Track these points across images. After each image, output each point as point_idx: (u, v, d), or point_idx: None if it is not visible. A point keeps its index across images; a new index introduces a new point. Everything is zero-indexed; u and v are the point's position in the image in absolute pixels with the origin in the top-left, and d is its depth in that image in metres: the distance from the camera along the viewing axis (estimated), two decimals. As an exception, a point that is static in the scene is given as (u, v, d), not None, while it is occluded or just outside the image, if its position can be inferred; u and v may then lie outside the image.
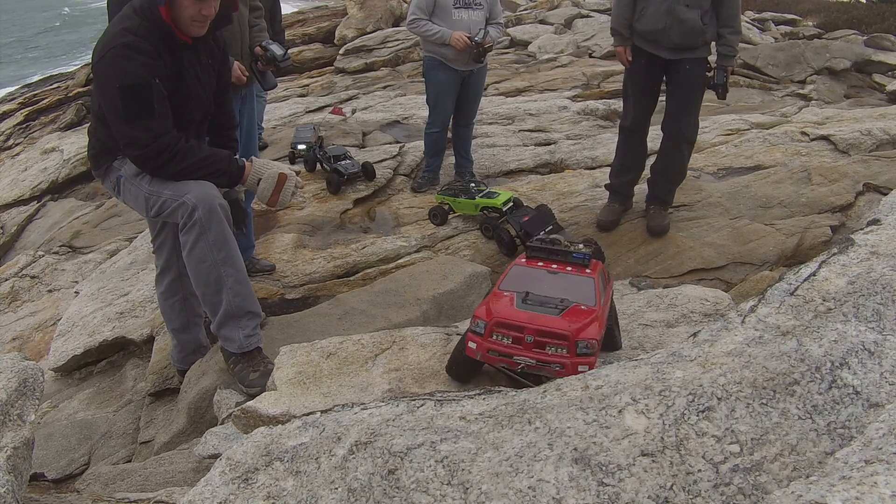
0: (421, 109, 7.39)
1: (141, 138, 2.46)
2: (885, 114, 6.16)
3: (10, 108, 11.36)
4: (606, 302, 2.19)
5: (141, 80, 2.41)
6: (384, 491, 1.60)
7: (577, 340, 1.91)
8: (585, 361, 1.90)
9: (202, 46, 2.71)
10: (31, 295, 5.33)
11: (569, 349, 1.92)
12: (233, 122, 3.14)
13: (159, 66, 2.47)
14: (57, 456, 3.22)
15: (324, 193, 5.42)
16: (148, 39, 2.44)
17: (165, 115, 2.50)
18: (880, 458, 1.22)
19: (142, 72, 2.41)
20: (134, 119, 2.43)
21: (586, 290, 2.09)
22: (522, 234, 4.04)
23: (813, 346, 1.61)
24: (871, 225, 2.11)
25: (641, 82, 4.14)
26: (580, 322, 1.96)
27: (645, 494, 1.41)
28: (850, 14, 13.94)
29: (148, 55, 2.42)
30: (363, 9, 12.98)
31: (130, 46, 2.40)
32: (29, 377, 2.17)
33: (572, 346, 1.91)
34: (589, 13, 13.69)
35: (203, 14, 2.52)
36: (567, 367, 1.92)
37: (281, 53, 3.68)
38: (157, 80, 2.45)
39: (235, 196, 2.99)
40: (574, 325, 1.95)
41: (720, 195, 4.72)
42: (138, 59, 2.40)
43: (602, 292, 2.12)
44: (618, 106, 7.46)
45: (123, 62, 2.39)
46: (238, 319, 2.83)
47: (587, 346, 1.91)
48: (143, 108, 2.41)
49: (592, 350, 1.92)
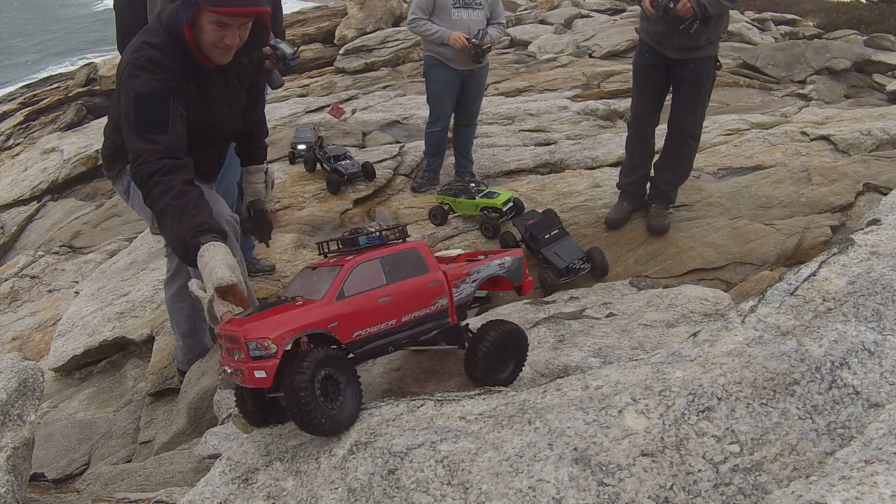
0: (421, 109, 7.39)
1: (146, 151, 2.25)
2: (885, 114, 6.15)
3: (10, 108, 11.36)
4: (373, 289, 1.88)
5: (158, 92, 2.30)
6: (384, 491, 1.60)
7: (246, 342, 1.67)
8: (261, 366, 1.66)
9: (231, 67, 2.56)
10: (31, 295, 5.33)
11: (244, 353, 1.69)
12: (262, 129, 3.01)
13: (181, 89, 2.36)
14: (57, 456, 3.22)
15: (324, 193, 5.42)
16: (173, 59, 2.34)
17: (179, 135, 2.33)
18: (880, 458, 1.22)
19: (160, 86, 2.30)
20: (144, 131, 2.28)
21: (325, 282, 1.86)
22: (528, 237, 4.04)
23: (813, 346, 1.61)
24: (871, 225, 2.11)
25: (647, 78, 4.15)
26: (259, 321, 1.74)
27: (645, 494, 1.41)
28: (850, 14, 13.94)
29: (170, 73, 2.33)
30: (363, 9, 12.99)
31: (153, 61, 2.32)
32: (29, 377, 2.17)
33: (244, 348, 1.68)
34: (589, 13, 13.70)
35: (226, 43, 2.37)
36: (246, 374, 1.69)
37: (291, 52, 3.67)
38: (175, 98, 2.32)
39: (261, 206, 2.88)
40: (248, 325, 1.73)
41: (720, 195, 4.72)
42: (160, 75, 2.31)
43: (353, 280, 1.86)
44: (618, 106, 7.47)
45: (144, 73, 2.30)
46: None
47: (257, 347, 1.67)
48: (156, 122, 2.28)
49: (266, 352, 1.67)
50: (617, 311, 2.97)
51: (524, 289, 2.26)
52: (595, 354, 2.45)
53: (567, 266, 3.83)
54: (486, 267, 2.15)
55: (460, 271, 2.08)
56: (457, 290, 2.05)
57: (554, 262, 3.86)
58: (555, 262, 3.86)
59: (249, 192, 2.91)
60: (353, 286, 1.86)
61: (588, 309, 3.07)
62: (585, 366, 2.35)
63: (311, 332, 1.75)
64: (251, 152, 2.94)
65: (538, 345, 2.65)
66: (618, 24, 12.22)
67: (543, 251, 3.92)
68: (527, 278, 2.26)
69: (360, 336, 1.84)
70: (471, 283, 2.09)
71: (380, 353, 1.95)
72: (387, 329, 1.90)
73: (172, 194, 2.15)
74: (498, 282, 2.23)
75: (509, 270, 2.20)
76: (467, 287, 2.07)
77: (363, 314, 1.85)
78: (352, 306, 1.83)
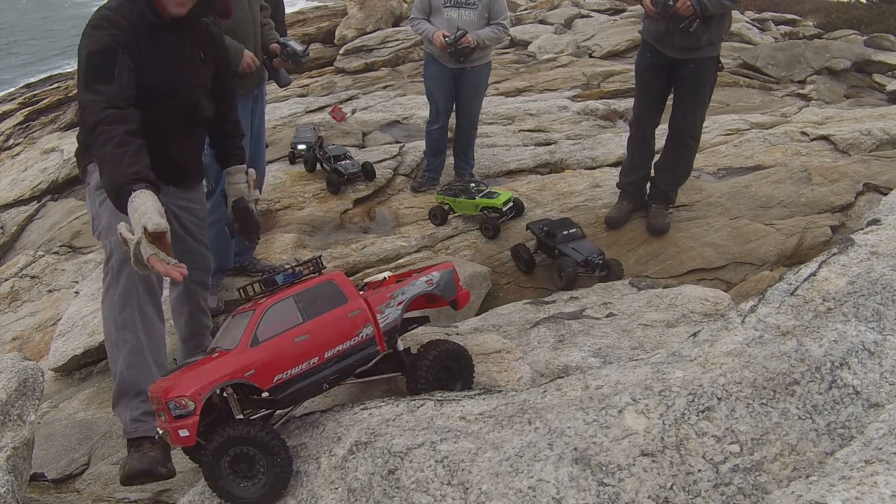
0: (421, 109, 7.39)
1: (93, 103, 2.22)
2: (885, 114, 6.16)
3: (10, 108, 11.36)
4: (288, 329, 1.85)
5: (106, 45, 2.29)
6: (384, 491, 1.60)
7: (166, 402, 1.66)
8: (183, 424, 1.64)
9: (188, 33, 2.54)
10: (31, 295, 5.33)
11: (167, 413, 1.67)
12: (238, 131, 2.93)
13: (131, 43, 2.33)
14: (57, 456, 3.22)
15: (324, 193, 5.42)
16: (125, 17, 2.34)
17: (126, 87, 2.28)
18: (880, 458, 1.22)
19: (109, 39, 2.30)
20: (91, 83, 2.26)
21: (240, 329, 1.83)
22: (544, 236, 4.00)
23: (813, 346, 1.61)
24: (871, 225, 2.11)
25: (648, 78, 4.15)
26: (177, 378, 1.72)
27: (645, 494, 1.41)
28: (850, 14, 13.94)
29: (119, 27, 2.32)
30: (363, 9, 12.99)
31: (105, 17, 2.34)
32: (29, 377, 2.17)
33: (165, 409, 1.67)
34: (589, 13, 13.70)
35: None
36: (172, 434, 1.68)
37: (301, 49, 3.67)
38: (123, 51, 2.29)
39: (245, 204, 2.77)
40: (167, 385, 1.70)
41: (720, 195, 4.72)
42: (110, 30, 2.31)
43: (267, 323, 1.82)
44: (618, 106, 7.47)
45: (95, 31, 2.32)
46: (129, 398, 2.35)
47: (176, 405, 1.65)
48: (102, 73, 2.26)
49: (185, 410, 1.65)
50: (617, 311, 2.97)
51: (459, 303, 2.17)
52: (595, 354, 2.45)
53: (585, 259, 3.76)
54: (411, 286, 2.06)
55: (382, 295, 2.00)
56: (381, 315, 1.97)
57: (571, 255, 3.79)
58: (572, 255, 3.79)
59: (232, 192, 2.82)
60: (266, 330, 1.82)
61: (588, 309, 3.07)
62: (585, 366, 2.35)
63: (229, 382, 1.73)
64: (228, 154, 2.86)
65: (538, 345, 2.65)
66: (618, 24, 12.22)
67: (560, 246, 3.87)
68: (461, 291, 2.17)
69: (280, 380, 1.80)
70: (396, 307, 2.00)
71: (311, 392, 1.89)
72: (309, 368, 1.85)
73: (114, 143, 2.13)
74: (433, 298, 2.15)
75: (438, 286, 2.10)
76: (393, 311, 1.99)
77: (280, 357, 1.81)
78: (267, 351, 1.80)
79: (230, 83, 2.83)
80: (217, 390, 1.75)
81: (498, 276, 4.20)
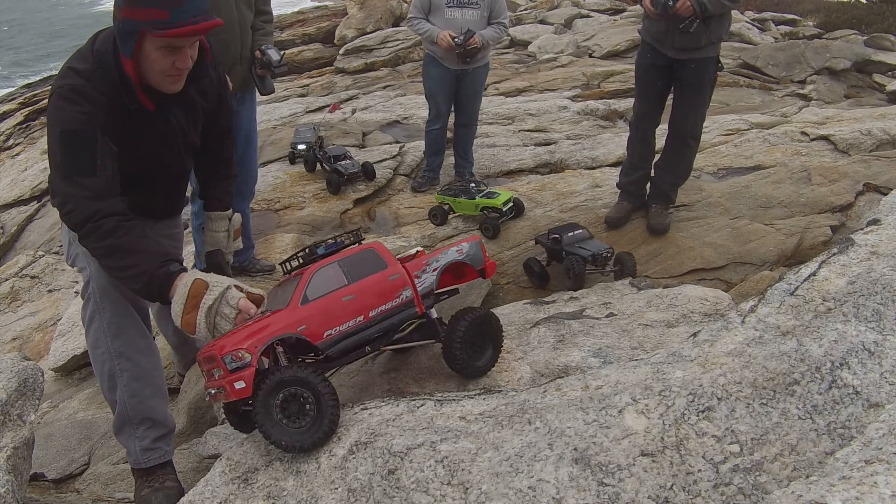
0: (421, 109, 7.40)
1: (76, 198, 2.01)
2: (885, 114, 6.16)
3: (10, 108, 11.36)
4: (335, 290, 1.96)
5: (82, 128, 2.03)
6: (384, 491, 1.60)
7: (222, 356, 1.76)
8: (240, 377, 1.74)
9: (173, 104, 2.24)
10: (31, 295, 5.33)
11: (222, 369, 1.77)
12: (230, 172, 2.69)
13: (108, 122, 2.07)
14: (57, 456, 3.22)
15: (324, 193, 5.42)
16: (100, 89, 2.06)
17: (110, 176, 2.06)
18: (880, 458, 1.22)
19: (84, 119, 2.03)
20: (71, 175, 2.03)
21: (289, 292, 1.95)
22: (551, 243, 3.94)
23: (813, 346, 1.62)
24: (871, 225, 2.11)
25: (648, 78, 4.15)
26: (230, 337, 1.82)
27: (645, 494, 1.41)
28: (850, 14, 13.94)
29: (93, 103, 2.05)
30: (363, 9, 13.00)
31: (78, 90, 2.04)
32: (29, 377, 2.17)
33: (221, 364, 1.77)
34: (589, 13, 13.71)
35: (177, 67, 2.08)
36: (227, 388, 1.76)
37: (277, 59, 3.66)
38: (102, 134, 2.05)
39: (218, 260, 2.60)
40: (221, 342, 1.82)
41: (720, 195, 4.72)
42: (85, 107, 2.03)
43: (315, 284, 1.93)
44: (618, 106, 7.48)
45: (68, 106, 2.04)
46: (134, 427, 2.29)
47: (233, 359, 1.75)
48: (82, 165, 2.02)
49: (242, 362, 1.75)
50: (617, 311, 2.97)
51: (487, 272, 2.31)
52: (595, 354, 2.45)
53: (593, 254, 3.74)
54: (444, 255, 2.20)
55: (418, 262, 2.15)
56: (418, 279, 2.11)
57: (579, 253, 3.77)
58: (580, 252, 3.77)
59: (209, 240, 2.63)
60: (315, 290, 1.93)
61: (588, 309, 3.07)
62: (585, 366, 2.35)
63: (282, 336, 1.83)
64: (212, 197, 2.62)
65: (538, 345, 2.65)
66: (618, 24, 12.22)
67: (567, 248, 3.83)
68: (488, 261, 2.31)
69: (330, 336, 1.92)
70: (431, 272, 2.15)
71: (355, 352, 1.99)
72: (356, 326, 1.97)
73: (118, 235, 2.01)
74: (462, 272, 2.28)
75: (468, 255, 2.25)
76: (429, 276, 2.14)
77: (330, 314, 1.92)
78: (317, 308, 1.91)
79: (223, 122, 2.56)
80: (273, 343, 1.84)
81: (498, 276, 4.20)
